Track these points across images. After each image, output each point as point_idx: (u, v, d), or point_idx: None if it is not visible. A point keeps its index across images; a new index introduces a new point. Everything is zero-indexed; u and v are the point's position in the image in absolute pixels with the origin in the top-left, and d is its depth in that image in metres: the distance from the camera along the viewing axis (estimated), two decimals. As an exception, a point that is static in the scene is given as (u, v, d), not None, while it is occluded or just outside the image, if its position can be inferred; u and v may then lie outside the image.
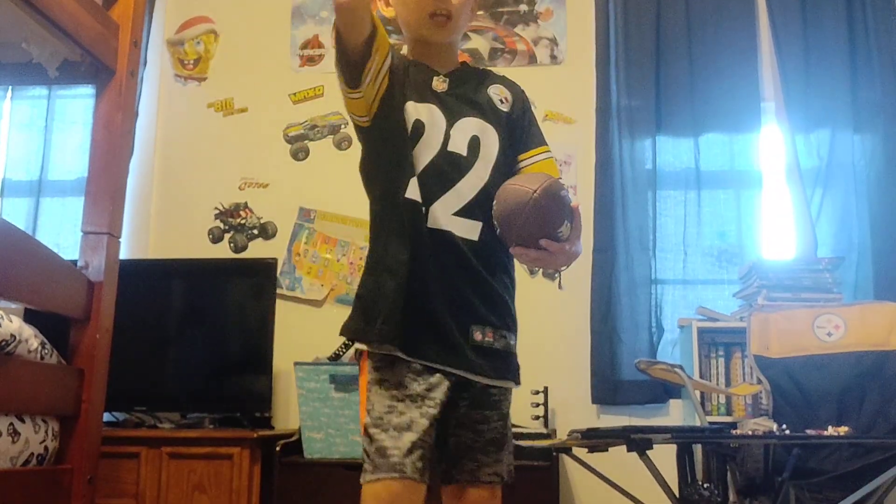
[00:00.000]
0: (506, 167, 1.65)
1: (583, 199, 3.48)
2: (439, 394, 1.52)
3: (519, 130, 1.71)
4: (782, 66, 3.45)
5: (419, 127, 1.60)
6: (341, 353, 1.67)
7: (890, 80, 3.36)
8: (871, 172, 3.32)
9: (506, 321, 1.63)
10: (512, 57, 3.64)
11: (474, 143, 1.62)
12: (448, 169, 1.59)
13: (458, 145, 1.61)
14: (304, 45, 3.76)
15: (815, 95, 3.40)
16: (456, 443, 1.59)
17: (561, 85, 3.60)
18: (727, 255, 3.39)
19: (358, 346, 1.59)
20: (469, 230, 1.58)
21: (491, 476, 1.60)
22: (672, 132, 3.49)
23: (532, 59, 3.63)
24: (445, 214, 1.57)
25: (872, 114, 3.36)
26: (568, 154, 3.53)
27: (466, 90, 1.68)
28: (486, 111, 1.66)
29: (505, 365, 1.63)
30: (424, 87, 1.65)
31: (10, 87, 3.85)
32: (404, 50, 1.76)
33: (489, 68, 1.78)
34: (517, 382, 1.66)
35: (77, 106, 3.86)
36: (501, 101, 1.70)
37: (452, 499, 1.61)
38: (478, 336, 1.57)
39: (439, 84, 1.66)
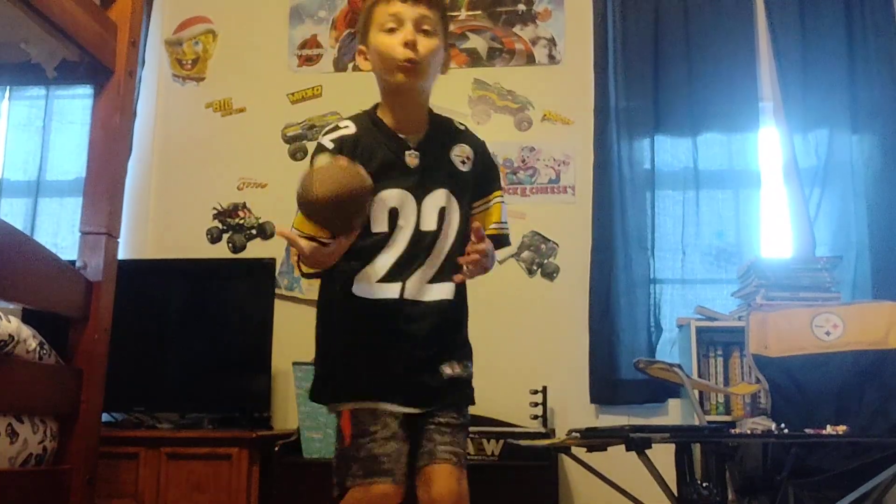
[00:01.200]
0: (466, 223, 1.80)
1: (581, 199, 3.48)
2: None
3: (479, 183, 1.84)
4: (780, 66, 3.45)
5: (395, 214, 1.75)
6: None
7: (888, 80, 3.36)
8: (868, 172, 3.33)
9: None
10: (510, 57, 3.64)
11: (441, 216, 1.77)
12: (422, 245, 1.75)
13: (428, 223, 1.76)
14: (303, 45, 3.76)
15: (813, 95, 3.40)
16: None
17: (559, 85, 3.60)
18: (725, 254, 3.39)
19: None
20: (445, 293, 1.76)
21: (446, 454, 1.72)
22: (670, 132, 3.49)
23: (530, 59, 3.63)
24: (421, 284, 1.75)
25: (870, 114, 3.37)
26: (566, 154, 3.53)
27: (434, 162, 1.79)
28: (450, 179, 1.79)
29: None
30: (395, 167, 1.77)
31: (9, 87, 3.85)
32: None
33: (455, 122, 1.87)
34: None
35: (75, 106, 3.86)
36: (463, 161, 1.82)
37: (421, 485, 1.72)
38: (447, 370, 1.77)
39: (412, 160, 1.78)
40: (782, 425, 2.46)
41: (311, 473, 2.92)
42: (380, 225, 1.76)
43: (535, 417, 3.14)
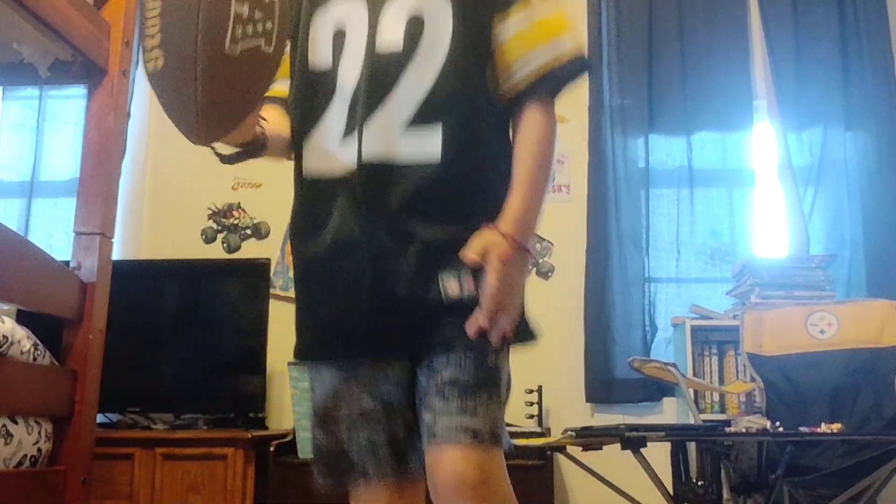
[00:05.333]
0: (465, 49, 1.20)
1: (576, 197, 3.48)
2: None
3: None
4: (774, 64, 3.46)
5: (341, 38, 1.23)
6: None
7: (881, 78, 3.37)
8: (862, 170, 3.34)
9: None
10: (505, 56, 3.63)
11: (412, 29, 1.19)
12: (382, 76, 1.19)
13: (389, 40, 1.20)
14: (297, 45, 3.75)
15: (807, 93, 3.41)
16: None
17: (554, 84, 3.59)
18: (720, 253, 3.40)
19: None
20: (429, 146, 1.19)
21: (453, 431, 1.12)
22: (665, 130, 3.49)
23: (525, 58, 3.63)
24: (389, 134, 1.19)
25: (864, 111, 3.37)
26: (561, 153, 3.53)
27: None
28: None
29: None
30: None
31: (2, 88, 3.84)
32: None
33: None
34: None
35: (69, 106, 3.85)
36: None
37: (428, 473, 1.18)
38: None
39: None
40: (777, 423, 2.46)
41: (307, 473, 2.88)
42: (320, 58, 1.24)
43: (531, 417, 3.14)
